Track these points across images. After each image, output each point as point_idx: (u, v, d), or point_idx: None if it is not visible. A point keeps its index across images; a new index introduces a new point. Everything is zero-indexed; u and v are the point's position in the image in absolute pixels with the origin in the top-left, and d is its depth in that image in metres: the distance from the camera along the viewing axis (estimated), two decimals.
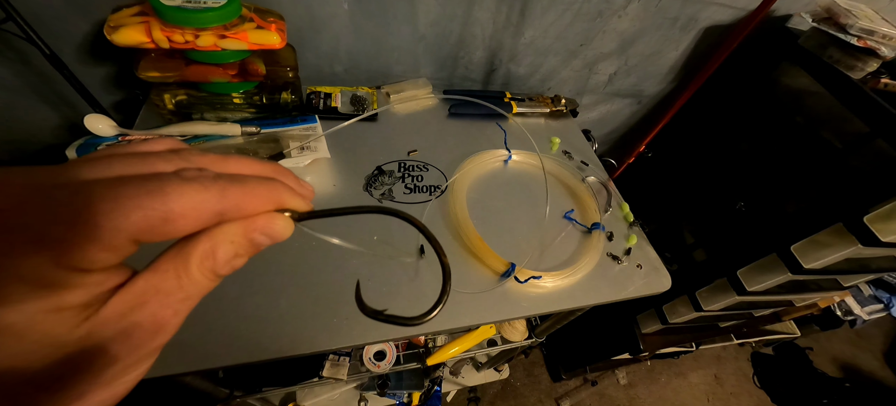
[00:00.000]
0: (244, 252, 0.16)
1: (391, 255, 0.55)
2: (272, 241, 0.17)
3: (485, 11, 0.74)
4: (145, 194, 0.13)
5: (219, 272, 0.15)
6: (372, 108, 0.73)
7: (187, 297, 0.15)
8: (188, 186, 0.13)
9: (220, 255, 0.15)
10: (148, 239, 0.13)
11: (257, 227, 0.16)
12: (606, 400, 1.55)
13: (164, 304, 0.14)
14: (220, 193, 0.14)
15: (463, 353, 0.94)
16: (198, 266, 0.14)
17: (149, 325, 0.14)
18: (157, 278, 0.14)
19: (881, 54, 0.74)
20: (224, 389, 0.75)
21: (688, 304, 1.08)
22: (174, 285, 0.14)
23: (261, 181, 0.16)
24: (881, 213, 0.69)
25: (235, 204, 0.15)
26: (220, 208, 0.14)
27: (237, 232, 0.15)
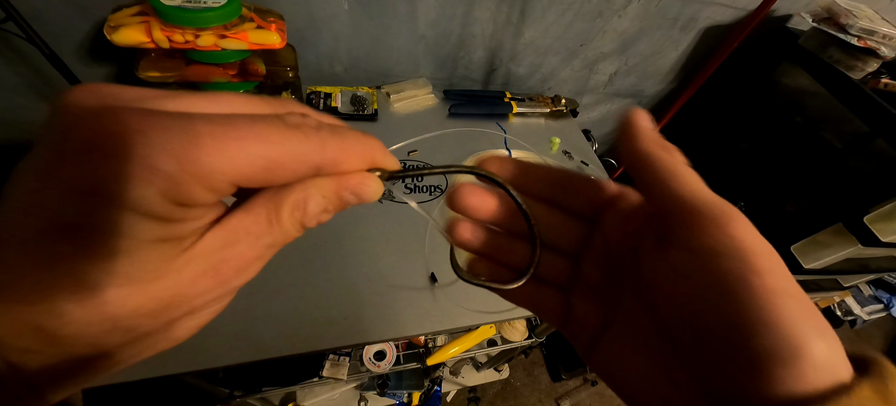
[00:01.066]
0: (333, 207, 0.16)
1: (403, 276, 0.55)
2: (360, 201, 0.16)
3: (485, 11, 0.74)
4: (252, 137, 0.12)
5: (307, 223, 0.15)
6: (372, 108, 0.73)
7: (273, 243, 0.15)
8: (292, 134, 0.13)
9: (311, 207, 0.15)
10: (248, 185, 0.13)
11: (351, 186, 0.16)
12: (606, 400, 1.55)
13: (252, 246, 0.14)
14: (321, 145, 0.14)
15: (463, 353, 0.94)
16: (289, 214, 0.15)
17: (235, 264, 0.14)
18: (249, 220, 0.14)
19: (881, 54, 0.74)
20: (224, 389, 0.75)
21: None
22: (264, 229, 0.14)
23: (358, 137, 0.16)
24: (881, 213, 0.69)
25: (333, 158, 0.15)
26: (320, 161, 0.14)
27: (330, 187, 0.15)
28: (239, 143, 0.12)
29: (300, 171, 0.14)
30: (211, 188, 0.12)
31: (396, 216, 0.60)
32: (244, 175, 0.12)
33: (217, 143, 0.12)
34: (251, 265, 0.15)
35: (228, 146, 0.12)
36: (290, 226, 0.15)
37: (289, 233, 0.15)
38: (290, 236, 0.15)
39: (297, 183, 0.15)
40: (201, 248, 0.13)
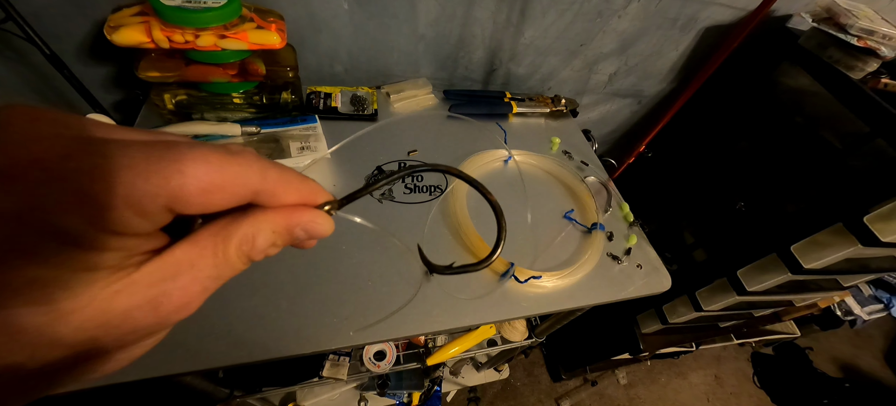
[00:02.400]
0: (281, 243, 0.16)
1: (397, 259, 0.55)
2: (310, 237, 0.17)
3: (485, 11, 0.74)
4: (190, 161, 0.12)
5: (253, 258, 0.15)
6: (372, 108, 0.73)
7: (218, 277, 0.15)
8: (232, 159, 0.13)
9: (260, 241, 0.15)
10: (183, 210, 0.12)
11: (301, 222, 0.16)
12: (606, 400, 1.55)
13: (195, 280, 0.14)
14: (261, 173, 0.14)
15: (463, 353, 0.94)
16: (236, 248, 0.14)
17: (177, 298, 0.13)
18: (194, 252, 0.14)
19: (881, 54, 0.74)
20: (224, 389, 0.75)
21: (688, 304, 1.08)
22: (209, 263, 0.14)
23: (297, 174, 0.16)
24: (881, 213, 0.69)
25: (273, 188, 0.15)
26: (259, 188, 0.14)
27: (280, 222, 0.15)
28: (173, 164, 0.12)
29: (239, 195, 0.14)
30: (145, 213, 0.12)
31: (395, 216, 0.60)
32: (178, 198, 0.12)
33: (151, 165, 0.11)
34: (194, 300, 0.14)
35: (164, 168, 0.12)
36: (236, 259, 0.15)
37: (234, 266, 0.15)
38: (236, 270, 0.15)
39: (247, 218, 0.14)
40: (138, 279, 0.13)
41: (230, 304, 0.46)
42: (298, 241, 0.16)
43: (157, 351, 0.41)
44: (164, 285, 0.13)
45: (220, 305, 0.45)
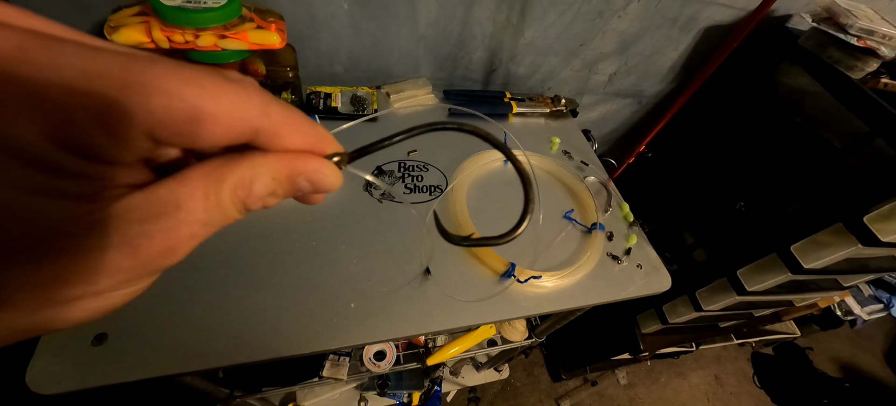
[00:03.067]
0: (282, 192, 0.14)
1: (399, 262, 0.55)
2: (315, 189, 0.15)
3: (485, 11, 0.74)
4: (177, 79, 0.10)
5: (250, 206, 0.13)
6: (372, 108, 0.73)
7: (208, 223, 0.12)
8: (229, 86, 0.11)
9: (258, 187, 0.13)
10: (166, 139, 0.11)
11: (306, 171, 0.14)
12: (606, 400, 1.55)
13: (182, 222, 0.12)
14: (262, 108, 0.12)
15: (463, 353, 0.94)
16: (230, 192, 0.12)
17: (160, 242, 0.12)
18: (182, 191, 0.12)
19: (881, 54, 0.74)
20: (224, 389, 0.75)
21: (688, 304, 1.08)
22: (199, 205, 0.12)
23: (304, 116, 0.14)
24: (881, 212, 0.69)
25: (275, 127, 0.13)
26: (259, 125, 0.12)
27: (281, 168, 0.13)
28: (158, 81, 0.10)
29: (235, 130, 0.12)
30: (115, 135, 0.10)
31: (394, 216, 0.60)
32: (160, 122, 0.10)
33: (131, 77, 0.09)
34: (179, 246, 0.12)
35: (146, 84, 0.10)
36: (230, 205, 0.13)
37: (228, 213, 0.13)
38: (230, 218, 0.13)
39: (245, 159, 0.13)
40: (113, 214, 0.11)
41: (231, 304, 0.46)
42: (301, 192, 0.15)
43: (158, 351, 0.41)
44: (144, 225, 0.11)
45: (220, 305, 0.45)
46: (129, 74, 0.09)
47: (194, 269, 0.48)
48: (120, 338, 0.41)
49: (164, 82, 0.10)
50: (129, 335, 0.41)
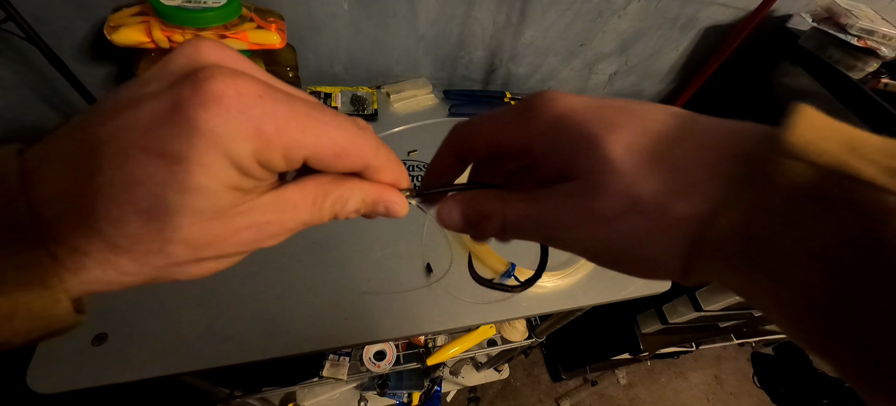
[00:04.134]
0: (363, 210, 0.18)
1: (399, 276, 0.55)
2: (387, 214, 0.19)
3: (485, 11, 0.74)
4: (336, 127, 0.15)
5: (339, 216, 0.17)
6: (372, 108, 0.73)
7: (306, 222, 0.16)
8: (362, 133, 0.16)
9: (350, 205, 0.17)
10: (315, 164, 0.15)
11: (387, 200, 0.18)
12: (606, 400, 1.55)
13: (292, 218, 0.16)
14: (376, 150, 0.16)
15: (463, 353, 0.94)
16: (331, 203, 0.16)
17: (273, 229, 0.15)
18: (299, 197, 0.16)
19: (881, 54, 0.74)
20: (224, 389, 0.75)
21: (688, 304, 1.07)
22: (307, 209, 0.16)
23: (396, 158, 0.18)
24: None
25: (380, 165, 0.17)
26: (371, 163, 0.16)
27: (372, 194, 0.17)
28: (324, 126, 0.14)
29: (356, 164, 0.16)
30: (289, 158, 0.14)
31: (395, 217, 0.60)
32: (318, 154, 0.14)
33: (309, 122, 0.14)
34: (282, 234, 0.16)
35: (315, 126, 0.14)
36: (327, 213, 0.17)
37: (322, 218, 0.17)
38: (322, 221, 0.17)
39: (347, 181, 0.17)
40: (257, 205, 0.15)
41: (231, 304, 0.46)
42: (375, 213, 0.19)
43: (158, 351, 0.41)
44: (270, 215, 0.15)
45: (220, 305, 0.45)
46: (308, 121, 0.14)
47: None
48: (120, 338, 0.41)
49: (327, 128, 0.14)
50: (129, 335, 0.41)
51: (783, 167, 0.12)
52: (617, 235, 0.16)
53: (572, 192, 0.16)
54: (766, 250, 0.13)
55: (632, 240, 0.16)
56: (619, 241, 0.16)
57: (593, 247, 0.17)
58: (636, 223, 0.15)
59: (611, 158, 0.15)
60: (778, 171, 0.12)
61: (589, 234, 0.16)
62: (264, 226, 0.15)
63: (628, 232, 0.15)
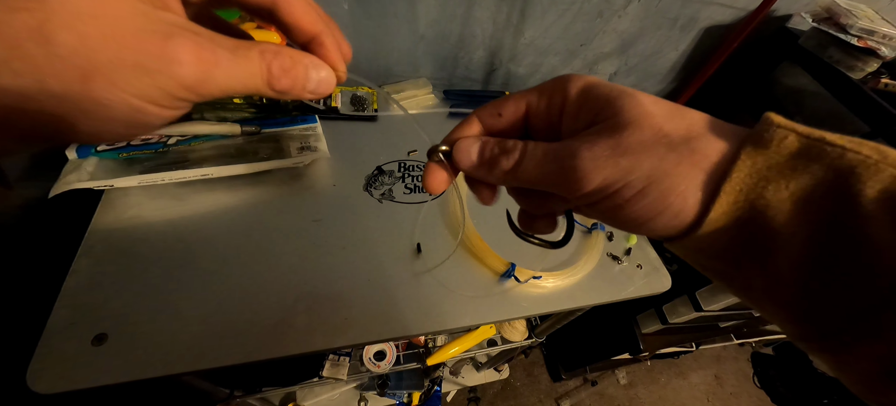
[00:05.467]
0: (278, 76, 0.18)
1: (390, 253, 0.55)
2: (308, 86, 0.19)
3: (485, 11, 0.74)
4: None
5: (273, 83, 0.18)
6: (372, 108, 0.73)
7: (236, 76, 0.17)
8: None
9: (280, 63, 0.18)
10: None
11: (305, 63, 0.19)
12: (606, 400, 1.55)
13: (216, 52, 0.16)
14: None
15: (463, 353, 0.94)
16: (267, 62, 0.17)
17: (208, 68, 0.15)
18: (250, 50, 0.16)
19: (881, 54, 0.74)
20: (224, 389, 0.75)
21: (688, 304, 1.07)
22: (255, 63, 0.16)
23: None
24: None
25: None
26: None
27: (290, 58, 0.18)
28: None
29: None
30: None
31: (395, 216, 0.60)
32: None
33: None
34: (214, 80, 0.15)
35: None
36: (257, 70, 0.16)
37: (253, 75, 0.16)
38: (252, 82, 0.16)
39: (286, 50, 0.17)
40: (190, 28, 0.14)
41: (231, 304, 0.46)
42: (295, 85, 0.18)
43: (158, 351, 0.41)
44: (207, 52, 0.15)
45: (220, 305, 0.45)
46: None
47: (194, 269, 0.48)
48: (120, 338, 0.41)
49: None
50: (129, 335, 0.41)
51: (779, 135, 0.16)
52: (646, 166, 0.17)
53: (602, 130, 0.17)
54: (766, 203, 0.15)
55: (659, 171, 0.16)
56: (646, 172, 0.17)
57: (617, 180, 0.17)
58: (664, 156, 0.16)
59: (640, 102, 0.17)
60: (776, 138, 0.16)
61: (616, 165, 0.17)
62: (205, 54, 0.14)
63: (657, 163, 0.16)
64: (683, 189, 0.17)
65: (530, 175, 0.19)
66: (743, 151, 0.16)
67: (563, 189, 0.18)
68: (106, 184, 0.49)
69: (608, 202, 0.18)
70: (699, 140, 0.17)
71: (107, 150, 0.52)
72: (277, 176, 0.59)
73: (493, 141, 0.21)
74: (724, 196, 0.16)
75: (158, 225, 0.51)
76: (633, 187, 0.17)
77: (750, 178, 0.16)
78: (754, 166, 0.16)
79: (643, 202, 0.17)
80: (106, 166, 0.52)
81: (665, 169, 0.16)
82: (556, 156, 0.18)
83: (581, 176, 0.17)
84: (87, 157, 0.51)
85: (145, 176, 0.51)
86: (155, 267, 0.47)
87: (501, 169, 0.20)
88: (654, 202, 0.17)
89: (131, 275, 0.46)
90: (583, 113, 0.19)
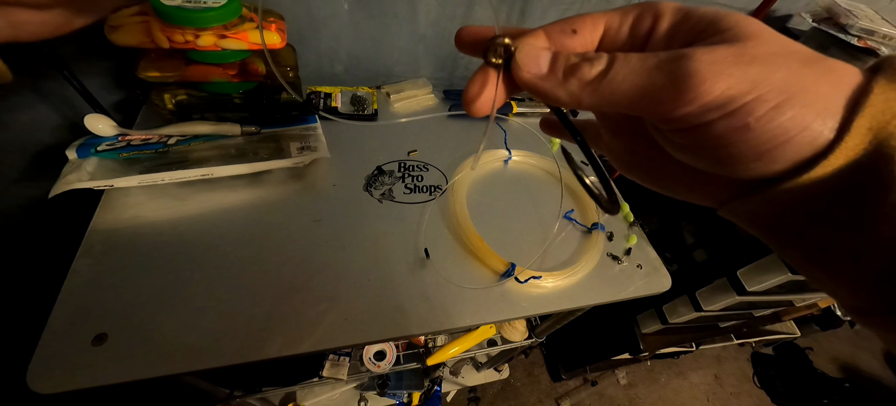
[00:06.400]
0: None
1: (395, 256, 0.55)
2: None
3: (485, 11, 0.74)
4: None
5: None
6: (372, 108, 0.73)
7: None
8: None
9: None
10: None
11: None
12: (606, 400, 1.55)
13: None
14: None
15: (463, 353, 0.94)
16: None
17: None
18: None
19: (881, 54, 0.74)
20: (224, 389, 0.75)
21: (688, 304, 1.07)
22: None
23: None
24: None
25: None
26: None
27: None
28: None
29: None
30: None
31: (394, 216, 0.60)
32: None
33: None
34: None
35: None
36: None
37: None
38: None
39: None
40: None
41: (231, 303, 0.46)
42: None
43: (158, 351, 0.41)
44: None
45: (220, 305, 0.45)
46: None
47: (194, 269, 0.48)
48: (120, 338, 0.41)
49: None
50: (129, 335, 0.41)
51: None
52: (779, 77, 0.14)
53: (717, 42, 0.15)
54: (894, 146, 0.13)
55: (797, 85, 0.14)
56: (780, 85, 0.14)
57: (747, 92, 0.14)
58: (800, 70, 0.14)
59: (757, 21, 0.15)
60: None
61: (743, 73, 0.14)
62: None
63: (793, 76, 0.14)
64: (825, 106, 0.14)
65: (623, 87, 0.15)
66: (875, 85, 0.14)
67: (668, 103, 0.15)
68: (106, 184, 0.50)
69: (729, 121, 0.14)
70: (832, 63, 0.15)
71: (107, 150, 0.52)
72: (277, 176, 0.59)
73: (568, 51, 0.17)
74: (855, 130, 0.14)
75: (158, 225, 0.51)
76: (767, 101, 0.14)
77: (882, 115, 0.13)
78: (887, 101, 0.14)
79: (778, 120, 0.14)
80: (106, 166, 0.52)
81: (804, 83, 0.14)
82: (662, 62, 0.15)
83: (699, 81, 0.14)
84: (87, 158, 0.51)
85: (145, 176, 0.51)
86: (155, 267, 0.47)
87: (583, 78, 0.16)
88: (791, 121, 0.14)
89: (131, 275, 0.46)
90: (680, 36, 0.16)
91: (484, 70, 0.18)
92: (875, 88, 0.14)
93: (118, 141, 0.53)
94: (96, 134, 0.53)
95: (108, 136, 0.54)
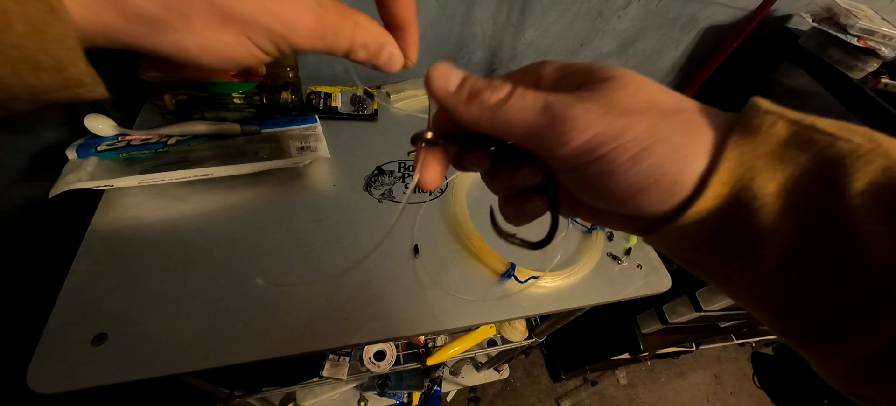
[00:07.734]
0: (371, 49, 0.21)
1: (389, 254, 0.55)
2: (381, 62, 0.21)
3: (485, 11, 0.74)
4: None
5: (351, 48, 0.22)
6: (372, 108, 0.73)
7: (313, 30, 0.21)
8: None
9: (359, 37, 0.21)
10: None
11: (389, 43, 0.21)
12: (606, 400, 1.55)
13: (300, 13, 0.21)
14: None
15: (463, 353, 0.94)
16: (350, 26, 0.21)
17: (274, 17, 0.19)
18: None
19: (881, 54, 0.74)
20: (224, 389, 0.75)
21: (688, 304, 1.07)
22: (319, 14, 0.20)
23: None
24: None
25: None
26: None
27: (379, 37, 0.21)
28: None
29: None
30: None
31: (394, 215, 0.60)
32: None
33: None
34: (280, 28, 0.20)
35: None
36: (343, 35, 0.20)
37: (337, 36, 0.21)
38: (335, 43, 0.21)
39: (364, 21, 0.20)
40: None
41: (231, 303, 0.46)
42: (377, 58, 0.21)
43: (158, 351, 0.41)
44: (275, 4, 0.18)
45: (220, 305, 0.45)
46: None
47: (194, 269, 0.48)
48: (120, 338, 0.41)
49: None
50: (129, 335, 0.41)
51: (768, 122, 0.15)
52: (641, 128, 0.16)
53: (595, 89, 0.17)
54: (752, 195, 0.15)
55: (655, 136, 0.16)
56: (641, 135, 0.15)
57: (611, 140, 0.16)
58: (659, 122, 0.16)
59: (627, 72, 0.17)
60: (764, 125, 0.15)
61: (610, 123, 0.16)
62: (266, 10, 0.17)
63: (652, 127, 0.16)
64: (681, 157, 0.16)
65: (514, 118, 0.17)
66: (730, 141, 0.15)
67: (549, 142, 0.17)
68: (106, 184, 0.50)
69: (597, 166, 0.16)
70: (691, 113, 0.17)
71: (107, 150, 0.52)
72: (277, 176, 0.59)
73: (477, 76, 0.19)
74: (713, 185, 0.15)
75: (158, 225, 0.51)
76: (628, 149, 0.15)
77: (737, 169, 0.15)
78: (741, 156, 0.15)
79: (638, 167, 0.16)
80: (106, 166, 0.52)
81: (660, 135, 0.15)
82: (547, 104, 0.17)
83: (571, 127, 0.16)
84: (87, 158, 0.51)
85: (145, 176, 0.51)
86: (155, 267, 0.47)
87: (484, 102, 0.18)
88: (649, 168, 0.16)
89: (131, 275, 0.46)
90: (563, 85, 0.18)
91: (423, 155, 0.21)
92: (730, 144, 0.15)
93: (118, 141, 0.53)
94: (96, 134, 0.53)
95: (108, 136, 0.54)
